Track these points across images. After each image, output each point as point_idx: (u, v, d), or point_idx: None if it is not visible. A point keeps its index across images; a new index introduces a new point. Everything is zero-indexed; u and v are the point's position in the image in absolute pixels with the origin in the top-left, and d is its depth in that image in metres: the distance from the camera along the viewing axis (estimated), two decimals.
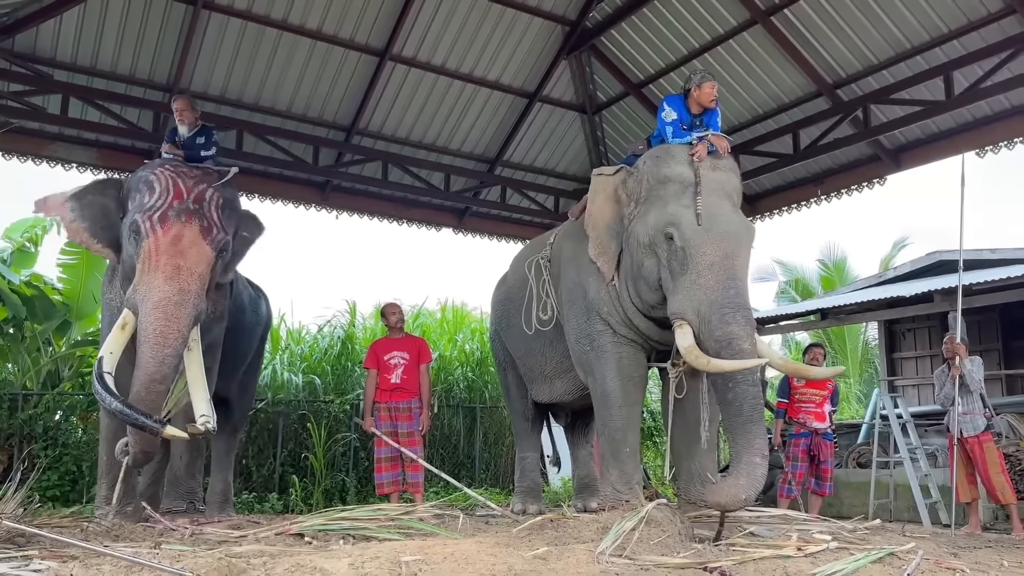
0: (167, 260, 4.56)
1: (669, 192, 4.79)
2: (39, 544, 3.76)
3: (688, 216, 4.64)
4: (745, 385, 4.36)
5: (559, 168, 10.21)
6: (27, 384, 8.52)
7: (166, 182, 4.84)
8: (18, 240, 9.47)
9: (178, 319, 4.46)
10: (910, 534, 5.12)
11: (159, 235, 4.61)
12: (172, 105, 5.67)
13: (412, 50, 8.43)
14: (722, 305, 4.41)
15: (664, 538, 3.76)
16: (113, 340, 4.57)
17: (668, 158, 4.89)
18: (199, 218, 4.76)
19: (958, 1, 6.67)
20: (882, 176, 8.21)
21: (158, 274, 4.52)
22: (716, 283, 4.47)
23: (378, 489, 6.52)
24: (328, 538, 4.17)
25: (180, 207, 4.73)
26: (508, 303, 6.58)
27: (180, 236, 4.63)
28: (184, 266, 4.58)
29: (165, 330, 4.41)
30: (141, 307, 4.48)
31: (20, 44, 7.30)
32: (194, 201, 4.81)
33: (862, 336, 17.30)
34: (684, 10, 7.97)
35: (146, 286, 4.51)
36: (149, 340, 4.40)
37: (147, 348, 4.39)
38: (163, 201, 4.73)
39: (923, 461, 7.53)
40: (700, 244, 4.55)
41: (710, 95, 5.05)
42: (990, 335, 10.61)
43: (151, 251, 4.59)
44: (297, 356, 10.07)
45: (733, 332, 4.36)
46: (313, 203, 9.19)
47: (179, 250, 4.60)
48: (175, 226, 4.65)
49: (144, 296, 4.49)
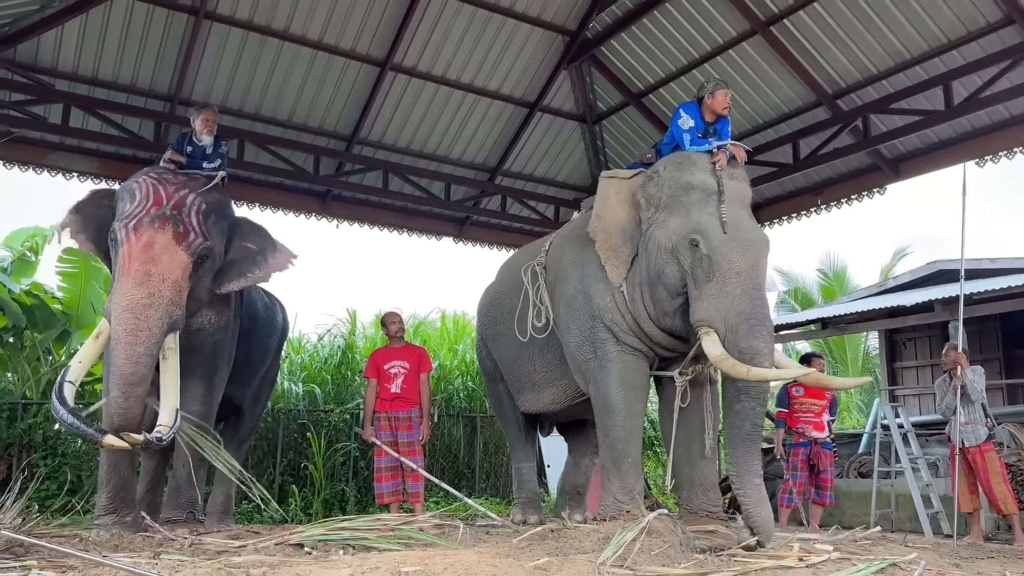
0: (138, 266, 4.56)
1: (692, 199, 4.76)
2: (38, 554, 3.75)
3: (713, 224, 4.64)
4: (755, 402, 4.43)
5: (559, 177, 10.23)
6: (27, 393, 8.51)
7: (146, 189, 4.86)
8: (18, 249, 9.48)
9: (147, 319, 4.45)
10: (912, 544, 5.11)
11: (132, 242, 4.63)
12: (201, 115, 5.64)
13: (413, 60, 8.46)
14: (750, 316, 4.44)
15: (665, 548, 3.75)
16: (85, 350, 4.62)
17: (690, 165, 4.87)
18: (174, 223, 4.76)
19: (957, 11, 6.69)
20: (882, 185, 8.21)
21: (128, 280, 4.53)
22: (743, 292, 4.49)
23: (378, 499, 6.50)
24: (328, 548, 4.15)
25: (156, 213, 4.74)
26: (496, 310, 6.39)
27: (152, 242, 4.64)
28: (155, 271, 4.58)
29: (135, 328, 4.40)
30: (112, 313, 4.49)
31: (22, 54, 7.33)
32: (172, 207, 4.81)
33: (863, 346, 17.28)
34: (684, 20, 7.99)
35: (117, 293, 4.52)
36: (120, 341, 4.40)
37: (119, 348, 4.39)
38: (141, 208, 4.76)
39: (924, 471, 7.52)
40: (727, 252, 4.55)
41: (723, 103, 5.05)
42: (991, 344, 10.60)
43: (124, 258, 4.62)
44: (297, 365, 10.07)
45: (758, 348, 4.40)
46: (314, 212, 9.21)
47: (150, 256, 4.60)
48: (147, 232, 4.66)
49: (115, 302, 4.50)
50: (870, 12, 6.98)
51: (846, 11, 7.09)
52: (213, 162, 5.56)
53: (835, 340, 16.41)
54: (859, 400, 16.62)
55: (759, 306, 4.51)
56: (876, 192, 8.28)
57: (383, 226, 9.70)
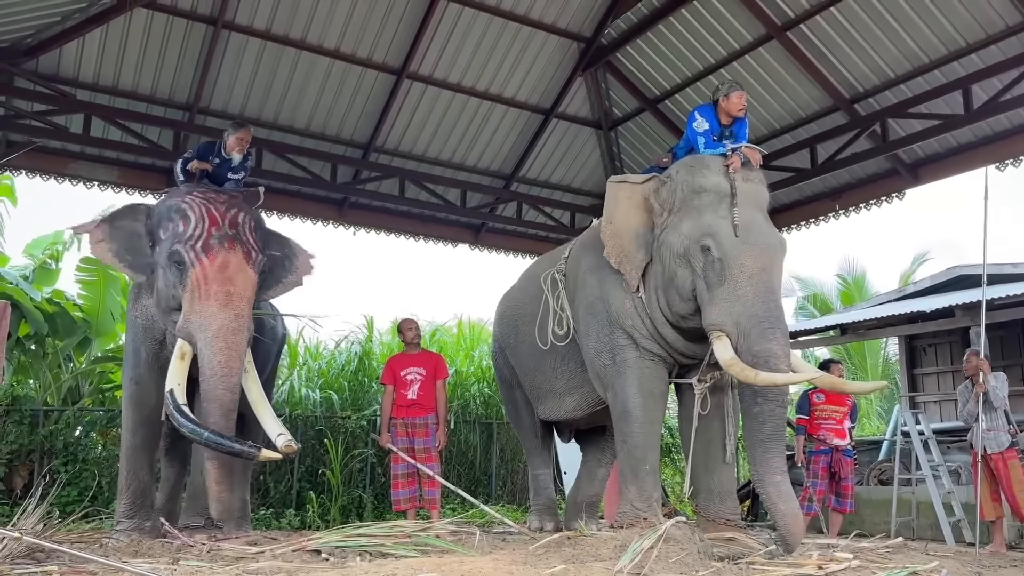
0: (217, 288, 4.67)
1: (704, 202, 4.74)
2: (58, 559, 3.79)
3: (725, 227, 4.60)
4: (773, 404, 4.38)
5: (575, 184, 10.22)
6: (48, 400, 8.60)
7: (199, 209, 4.91)
8: (40, 257, 9.60)
9: (238, 346, 4.65)
10: (933, 552, 5.05)
11: (205, 264, 4.71)
12: (237, 134, 5.72)
13: (429, 68, 8.50)
14: (762, 319, 4.40)
15: (683, 556, 3.73)
16: (177, 372, 4.69)
17: (703, 168, 4.84)
18: (240, 243, 4.86)
19: (976, 15, 6.64)
20: (900, 190, 8.13)
21: (211, 302, 4.64)
22: (755, 295, 4.45)
23: (395, 506, 6.51)
24: (345, 555, 4.16)
25: (220, 234, 4.82)
26: (516, 318, 6.38)
27: (227, 263, 4.74)
28: (234, 292, 4.71)
29: (230, 360, 4.58)
30: (199, 335, 4.61)
31: (44, 65, 7.43)
32: (230, 226, 4.90)
33: (882, 352, 17.14)
34: (699, 26, 7.98)
35: (201, 315, 4.63)
36: (217, 373, 4.56)
37: (217, 380, 4.55)
38: (201, 229, 4.82)
39: (946, 478, 7.43)
40: (738, 256, 4.51)
41: (738, 105, 5.02)
42: (1013, 350, 10.46)
43: (199, 280, 4.68)
44: (314, 372, 10.13)
45: (772, 350, 4.35)
46: (331, 220, 9.24)
47: (227, 277, 4.71)
48: (220, 253, 4.75)
49: (202, 325, 4.61)
50: (887, 16, 6.94)
51: (863, 15, 7.05)
52: (238, 173, 5.67)
53: (854, 346, 16.28)
54: (879, 407, 16.48)
55: (772, 309, 4.46)
56: (895, 197, 8.20)
57: (399, 233, 9.72)
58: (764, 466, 4.35)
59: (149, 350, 5.24)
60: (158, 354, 5.20)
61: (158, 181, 8.40)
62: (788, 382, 4.38)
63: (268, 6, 7.58)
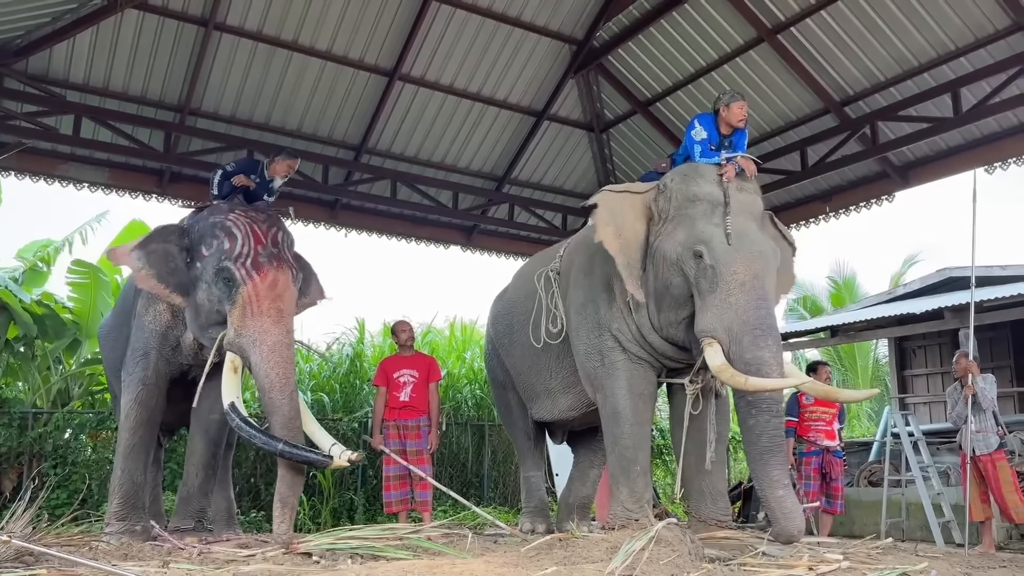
0: (269, 304, 4.83)
1: (698, 211, 4.75)
2: (48, 563, 3.76)
3: (718, 235, 4.61)
4: (768, 415, 4.36)
5: (567, 186, 10.24)
6: (37, 403, 8.56)
7: (244, 228, 5.04)
8: (30, 260, 9.55)
9: (291, 359, 4.84)
10: (923, 554, 5.07)
11: (256, 281, 4.85)
12: (286, 162, 5.93)
13: (421, 70, 8.50)
14: (754, 326, 4.40)
15: (674, 558, 3.73)
16: (232, 385, 4.89)
17: (697, 177, 4.86)
18: (285, 262, 5.06)
19: (965, 18, 6.68)
20: (890, 193, 8.19)
21: (265, 319, 4.79)
22: (747, 302, 4.45)
23: (386, 508, 6.49)
24: (336, 557, 4.16)
25: (267, 252, 4.98)
26: (510, 317, 6.36)
27: (276, 281, 4.90)
28: (284, 309, 4.90)
29: (287, 373, 4.75)
30: (253, 351, 4.74)
31: (33, 66, 7.40)
32: (273, 245, 5.07)
33: (872, 353, 17.21)
34: (691, 29, 8.01)
35: (254, 330, 4.77)
36: (277, 387, 4.70)
37: (277, 394, 4.69)
38: (248, 247, 4.96)
39: (935, 479, 7.47)
40: (730, 263, 4.52)
41: (739, 115, 5.02)
42: (1001, 352, 10.53)
43: (251, 297, 4.82)
44: (306, 374, 10.09)
45: (763, 358, 4.35)
46: (323, 221, 9.25)
47: (277, 294, 4.88)
48: (270, 272, 4.91)
49: (255, 339, 4.75)
50: (877, 19, 6.98)
51: (853, 19, 7.09)
52: (272, 196, 5.91)
53: (845, 348, 16.34)
54: (869, 408, 16.54)
55: (764, 316, 4.45)
56: (885, 199, 8.26)
57: (391, 235, 9.73)
58: (765, 480, 4.32)
59: (161, 354, 5.34)
60: (170, 359, 5.37)
61: (149, 182, 8.39)
62: (777, 387, 4.37)
63: (259, 7, 7.57)
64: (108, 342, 6.17)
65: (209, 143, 8.18)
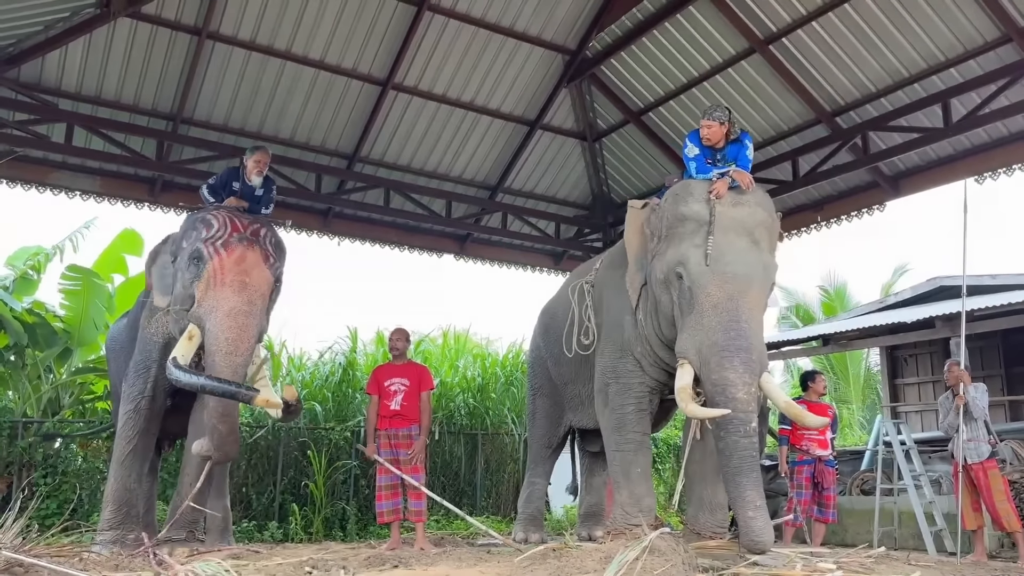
0: (233, 276, 4.83)
1: (685, 231, 4.82)
2: (38, 574, 3.74)
3: (696, 255, 4.67)
4: (736, 436, 4.34)
5: (560, 195, 10.26)
6: (27, 412, 8.49)
7: (223, 219, 5.10)
8: (21, 267, 9.48)
9: (247, 328, 4.73)
10: (915, 562, 5.08)
11: (223, 256, 4.87)
12: (254, 155, 5.83)
13: (414, 79, 8.51)
14: (722, 347, 4.43)
15: (667, 568, 3.73)
16: (182, 346, 4.80)
17: (686, 195, 4.93)
18: (258, 246, 5.05)
19: (955, 30, 6.73)
20: (881, 202, 8.24)
21: (225, 288, 4.78)
22: (718, 324, 4.48)
23: (379, 518, 6.45)
24: (329, 567, 4.14)
25: (240, 235, 5.02)
26: (556, 329, 6.50)
27: (244, 257, 4.92)
28: (249, 283, 4.86)
29: (237, 339, 4.66)
30: (209, 318, 4.70)
31: (25, 74, 7.38)
32: (251, 234, 5.09)
33: (864, 362, 17.26)
34: (683, 39, 8.04)
35: (213, 299, 4.75)
36: (221, 349, 4.63)
37: (220, 357, 4.62)
38: (224, 232, 5.01)
39: (927, 488, 7.48)
40: (705, 284, 4.58)
41: (705, 132, 5.13)
42: (992, 361, 10.58)
43: (216, 270, 4.83)
44: (298, 382, 10.04)
45: (728, 379, 4.38)
46: (315, 230, 9.24)
47: (243, 268, 4.88)
48: (238, 248, 4.92)
49: (213, 307, 4.73)
50: (868, 31, 7.03)
51: (844, 30, 7.13)
52: (268, 207, 5.83)
53: (836, 357, 16.38)
54: (861, 417, 16.57)
55: (733, 338, 4.45)
56: (876, 209, 8.31)
57: (384, 243, 9.73)
58: (737, 499, 4.34)
59: (162, 368, 5.27)
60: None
61: (141, 191, 8.37)
62: (707, 415, 4.41)
63: (253, 17, 7.57)
64: (123, 356, 6.05)
65: (202, 151, 8.17)
